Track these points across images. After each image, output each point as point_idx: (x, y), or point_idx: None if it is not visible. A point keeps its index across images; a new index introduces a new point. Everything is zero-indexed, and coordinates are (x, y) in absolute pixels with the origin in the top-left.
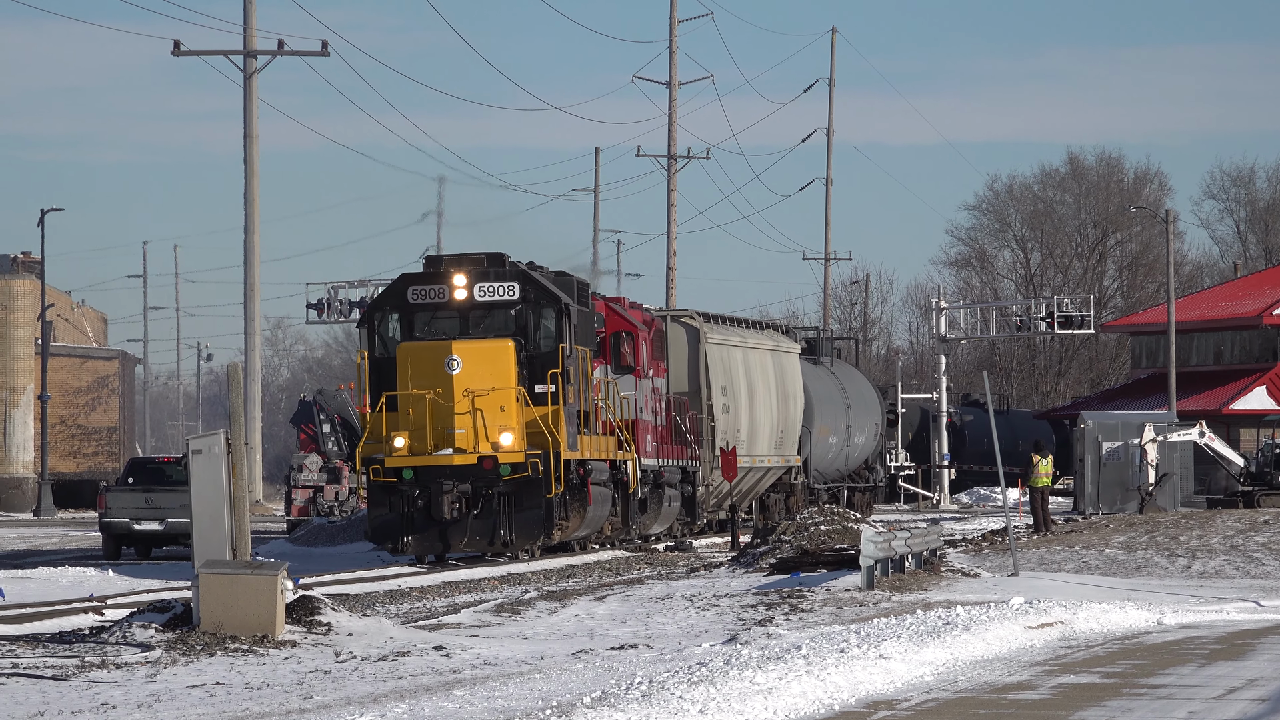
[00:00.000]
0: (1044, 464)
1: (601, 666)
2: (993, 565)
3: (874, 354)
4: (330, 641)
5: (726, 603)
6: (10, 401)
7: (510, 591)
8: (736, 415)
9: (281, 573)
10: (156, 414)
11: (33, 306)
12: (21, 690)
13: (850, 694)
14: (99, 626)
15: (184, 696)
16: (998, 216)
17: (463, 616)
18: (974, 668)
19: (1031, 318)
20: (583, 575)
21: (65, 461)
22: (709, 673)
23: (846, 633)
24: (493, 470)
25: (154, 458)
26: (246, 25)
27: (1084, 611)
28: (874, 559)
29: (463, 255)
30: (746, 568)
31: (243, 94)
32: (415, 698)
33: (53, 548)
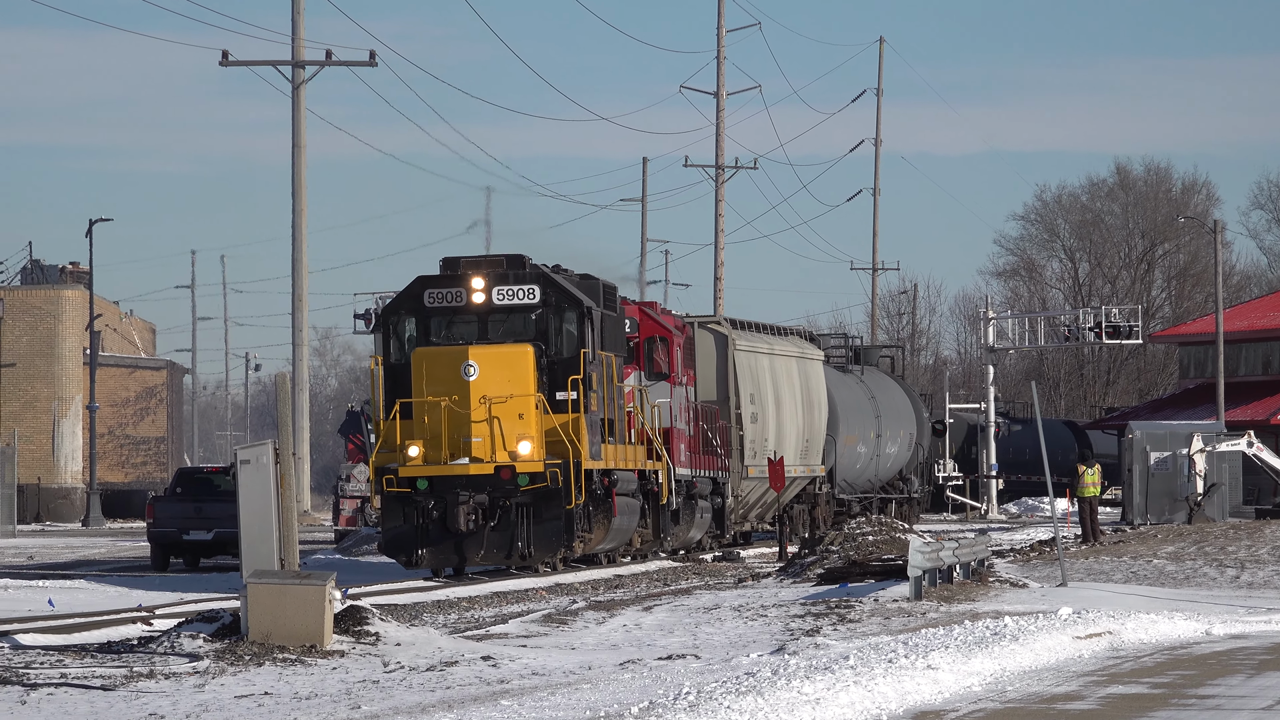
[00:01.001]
0: (1090, 474)
1: (649, 677)
2: (1041, 575)
3: (922, 364)
4: (378, 651)
5: (774, 613)
6: (59, 411)
7: (558, 602)
8: (764, 424)
9: (329, 583)
10: (205, 424)
11: (81, 317)
12: (70, 700)
13: (898, 704)
14: (147, 636)
15: (232, 706)
16: (1046, 227)
17: (510, 627)
18: (1022, 678)
19: (1079, 328)
20: (630, 586)
21: (113, 471)
22: (757, 683)
23: (894, 643)
24: (510, 480)
25: (202, 468)
26: (294, 36)
27: (1132, 622)
28: (922, 569)
29: (481, 257)
30: (794, 578)
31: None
32: (463, 708)
33: (101, 558)
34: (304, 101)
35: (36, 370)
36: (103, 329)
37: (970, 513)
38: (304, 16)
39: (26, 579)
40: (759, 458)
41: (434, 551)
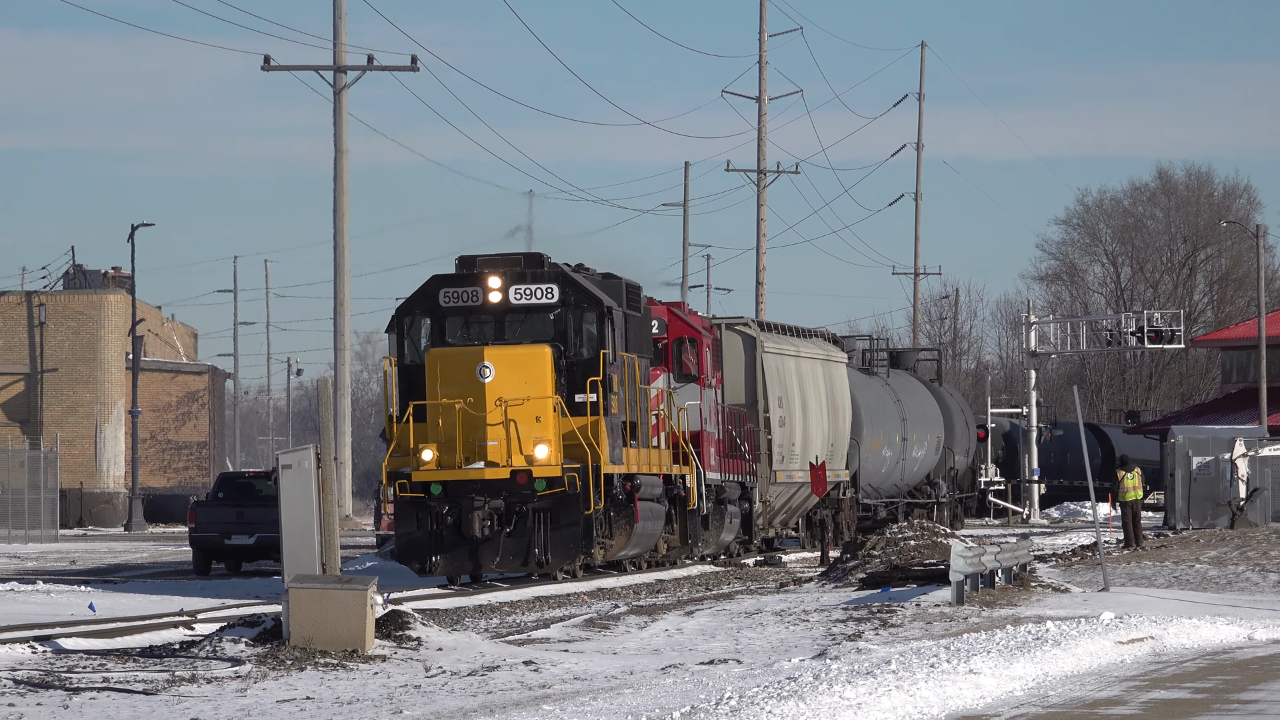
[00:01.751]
0: (1130, 478)
1: (691, 681)
2: (1083, 580)
3: (963, 369)
4: (420, 656)
5: (816, 617)
6: (101, 416)
7: (599, 606)
8: (791, 428)
9: (371, 587)
10: (246, 429)
11: (123, 321)
12: (112, 704)
13: (940, 709)
14: (189, 641)
15: (274, 711)
16: (1088, 231)
17: (552, 631)
18: (1064, 683)
19: (1121, 332)
20: (672, 590)
21: (155, 476)
22: (798, 688)
23: (936, 648)
24: (527, 485)
25: (244, 472)
26: (336, 41)
27: (1174, 627)
28: (964, 574)
29: (498, 255)
30: (836, 582)
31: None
32: (505, 712)
33: (143, 562)
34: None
35: (79, 375)
36: (145, 334)
37: (1012, 517)
38: (346, 21)
39: (69, 583)
40: (786, 462)
41: (448, 558)
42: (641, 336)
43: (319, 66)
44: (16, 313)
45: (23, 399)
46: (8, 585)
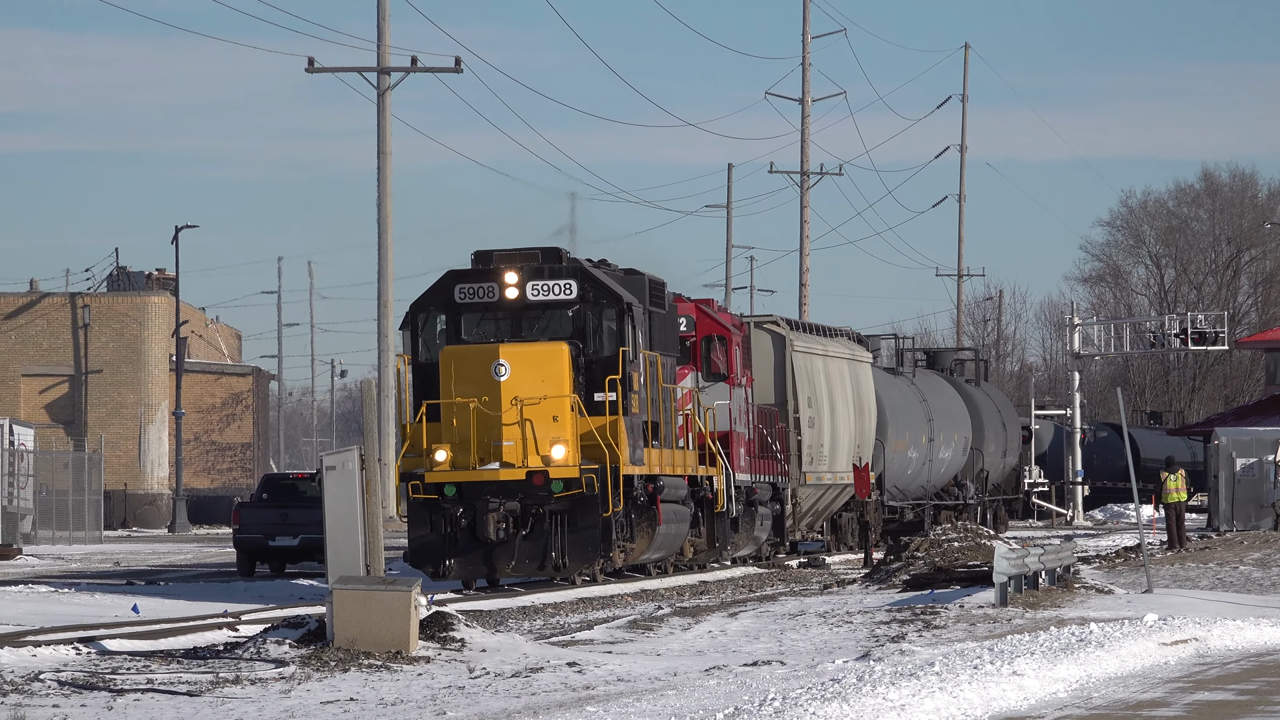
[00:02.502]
0: (1174, 480)
1: (735, 683)
2: (1126, 582)
3: (1007, 370)
4: (464, 657)
5: (859, 619)
6: (145, 418)
7: (643, 608)
8: (820, 429)
9: (415, 589)
10: (290, 430)
11: (167, 323)
12: (156, 706)
13: (983, 711)
14: (233, 642)
15: (318, 713)
16: (1132, 233)
17: (596, 633)
18: (1108, 684)
19: (1165, 334)
20: (715, 591)
21: (199, 478)
22: (842, 689)
23: (980, 649)
24: (543, 486)
25: (288, 474)
26: (380, 42)
27: (1218, 628)
28: (1007, 575)
29: (515, 250)
30: (879, 584)
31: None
32: (548, 714)
33: (187, 563)
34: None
35: (123, 377)
36: (189, 335)
37: (1056, 519)
38: (389, 23)
39: (113, 585)
40: (815, 464)
41: (462, 562)
42: (666, 334)
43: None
44: (61, 315)
45: (67, 400)
46: (52, 587)
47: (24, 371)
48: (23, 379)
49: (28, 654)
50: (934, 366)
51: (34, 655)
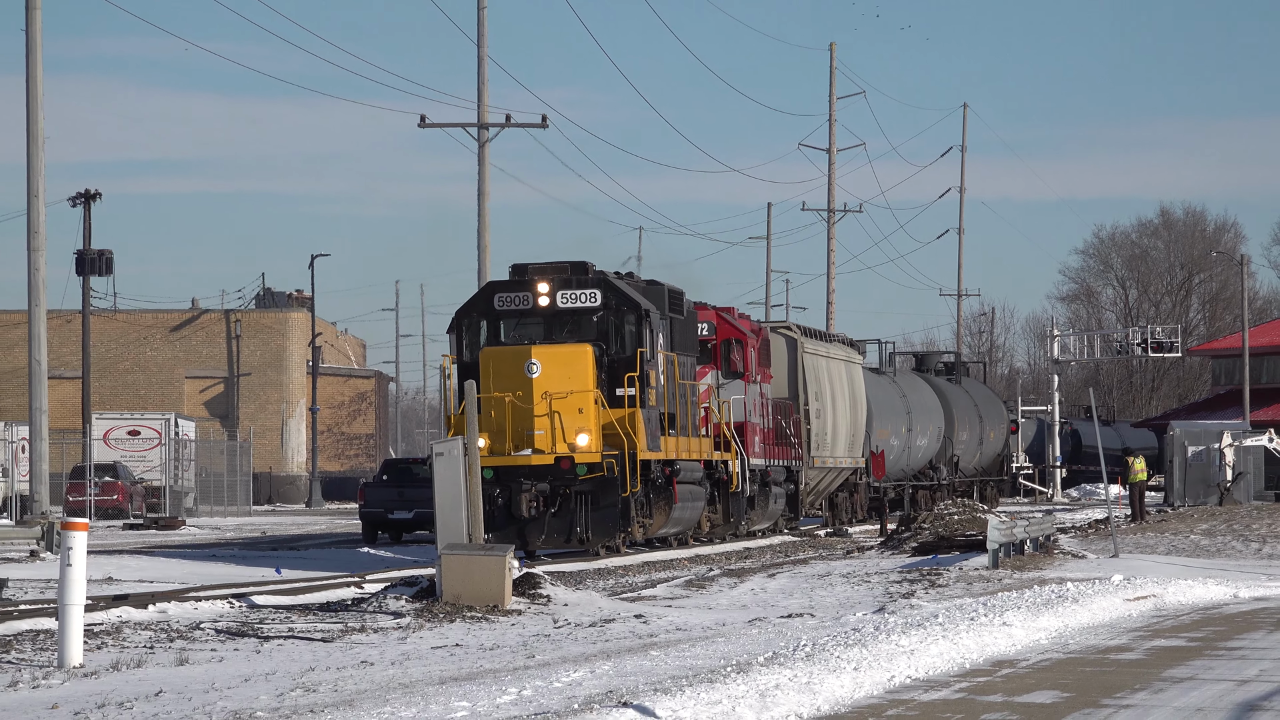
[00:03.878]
0: (1138, 463)
1: (773, 632)
2: (1097, 549)
3: (999, 374)
4: (549, 611)
5: (876, 579)
6: (287, 413)
7: (697, 570)
8: (825, 420)
9: (509, 554)
10: (406, 423)
11: (304, 335)
12: (296, 650)
13: (979, 655)
14: (359, 598)
15: (429, 655)
16: (1102, 260)
17: (658, 590)
18: (1081, 633)
19: (1129, 343)
20: (757, 557)
21: (331, 462)
22: (862, 637)
23: (976, 604)
24: (569, 470)
25: (404, 459)
26: (480, 103)
27: (1173, 587)
28: (998, 543)
29: (547, 264)
30: (893, 550)
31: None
32: (619, 657)
33: (321, 533)
34: (488, 157)
35: (268, 379)
36: (322, 345)
37: (1039, 497)
38: (488, 86)
39: (260, 550)
40: (822, 449)
41: (499, 536)
42: (686, 337)
43: (465, 124)
44: (217, 328)
45: (222, 398)
46: (211, 551)
47: (187, 374)
48: (186, 381)
49: (190, 607)
50: (922, 367)
51: (195, 608)
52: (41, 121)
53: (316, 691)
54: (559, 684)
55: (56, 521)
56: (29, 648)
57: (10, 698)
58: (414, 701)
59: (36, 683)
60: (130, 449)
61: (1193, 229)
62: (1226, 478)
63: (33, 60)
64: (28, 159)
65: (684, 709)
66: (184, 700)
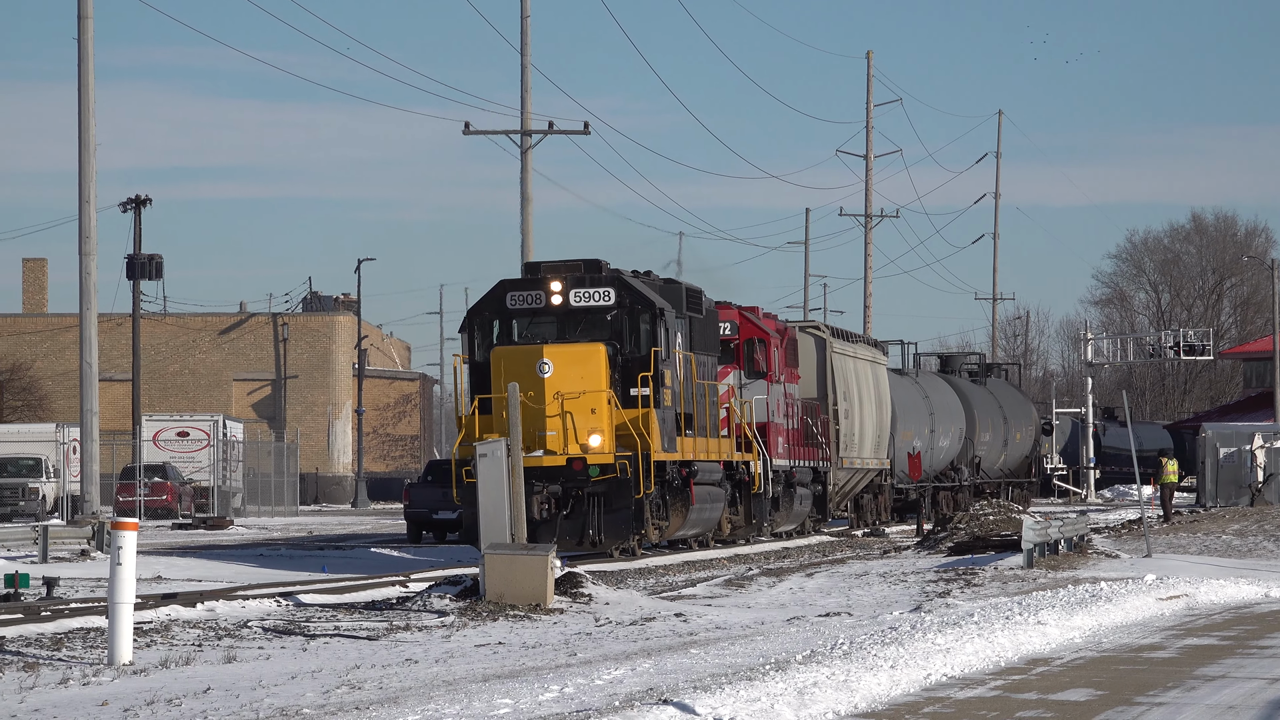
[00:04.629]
0: (1170, 465)
1: (811, 630)
2: (1130, 548)
3: (1033, 377)
4: (591, 609)
5: (913, 579)
6: (333, 414)
7: (736, 569)
8: (853, 420)
9: (551, 553)
10: (450, 425)
11: (350, 338)
12: (341, 647)
13: (1014, 653)
14: (403, 597)
15: (473, 653)
16: (1135, 264)
17: (698, 589)
18: (1115, 632)
19: (1162, 346)
20: (795, 556)
21: (377, 463)
22: (898, 635)
23: (1010, 603)
24: (582, 471)
25: (449, 460)
26: (523, 109)
27: (1204, 586)
28: (1033, 543)
29: (560, 262)
30: (929, 550)
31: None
32: (660, 655)
33: (366, 532)
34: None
35: (315, 381)
36: (368, 348)
37: (1073, 497)
38: (531, 94)
39: (306, 549)
40: (850, 450)
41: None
42: (706, 336)
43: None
44: (265, 331)
45: (270, 400)
46: (258, 551)
47: (235, 377)
48: (234, 383)
49: (238, 606)
50: (946, 368)
51: (243, 607)
52: (93, 129)
53: (362, 689)
54: (600, 681)
55: (106, 521)
56: (79, 645)
57: (61, 694)
58: (457, 699)
59: (87, 680)
60: (179, 450)
61: (1224, 234)
62: (1258, 479)
63: (84, 69)
64: (79, 165)
65: (723, 706)
66: (231, 697)
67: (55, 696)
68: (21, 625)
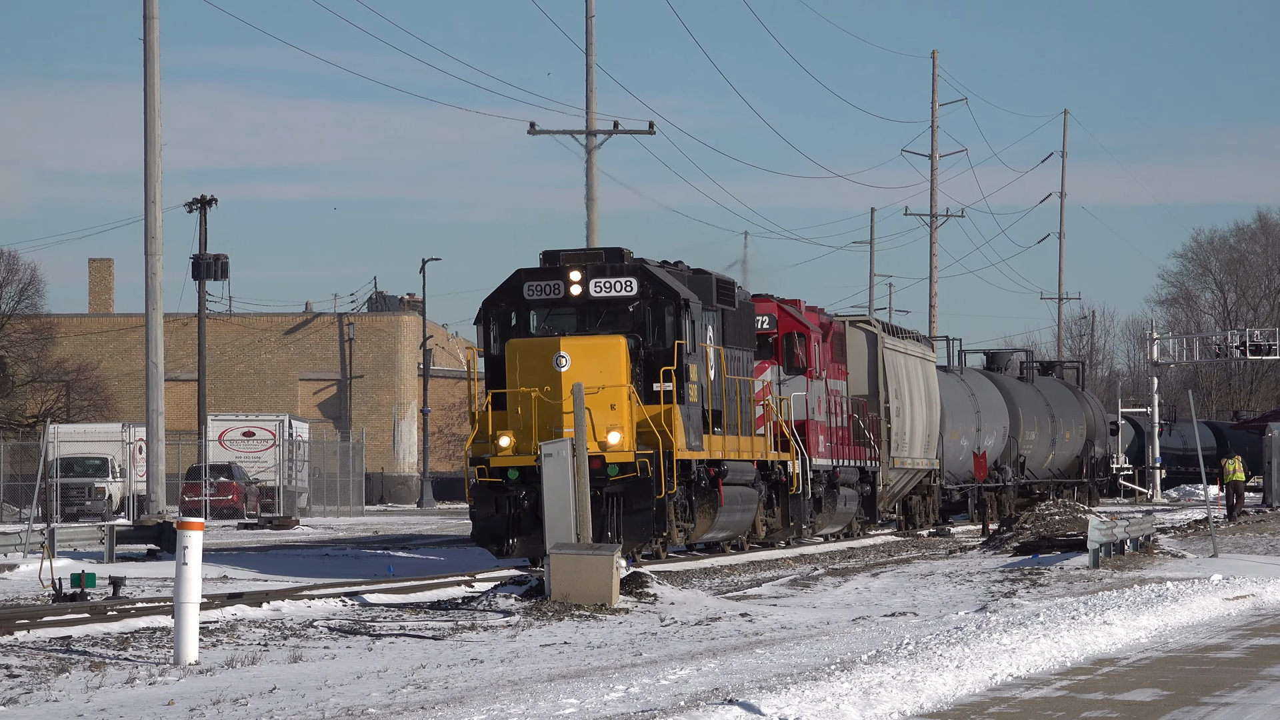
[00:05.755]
0: (1232, 464)
1: (876, 630)
2: (1196, 548)
3: (1099, 377)
4: (656, 609)
5: (978, 579)
6: (398, 414)
7: (801, 569)
8: (904, 418)
9: (617, 553)
10: None
11: (416, 337)
12: (408, 647)
13: (1079, 653)
14: (469, 596)
15: (538, 653)
16: (1200, 264)
17: (763, 589)
18: (1181, 632)
19: (1228, 346)
20: (860, 556)
21: (442, 462)
22: (964, 635)
23: (1076, 603)
24: (600, 470)
25: None
26: (588, 110)
27: (1271, 585)
28: (1099, 543)
29: (580, 251)
30: (994, 550)
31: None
32: (725, 655)
33: (432, 532)
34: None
35: (380, 381)
36: (433, 348)
37: (1138, 497)
38: (596, 94)
39: (372, 549)
40: (900, 449)
41: (525, 541)
42: (739, 330)
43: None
44: (330, 331)
45: (335, 400)
46: (323, 551)
47: (300, 377)
48: (299, 383)
49: (304, 605)
50: (992, 366)
51: (309, 606)
52: (158, 129)
53: (427, 688)
54: (665, 681)
55: (173, 521)
56: (145, 645)
57: (128, 694)
58: (523, 699)
59: (153, 679)
60: (245, 450)
61: None
62: None
63: (150, 69)
64: (145, 166)
65: (789, 706)
66: (297, 697)
67: (121, 696)
68: (88, 625)
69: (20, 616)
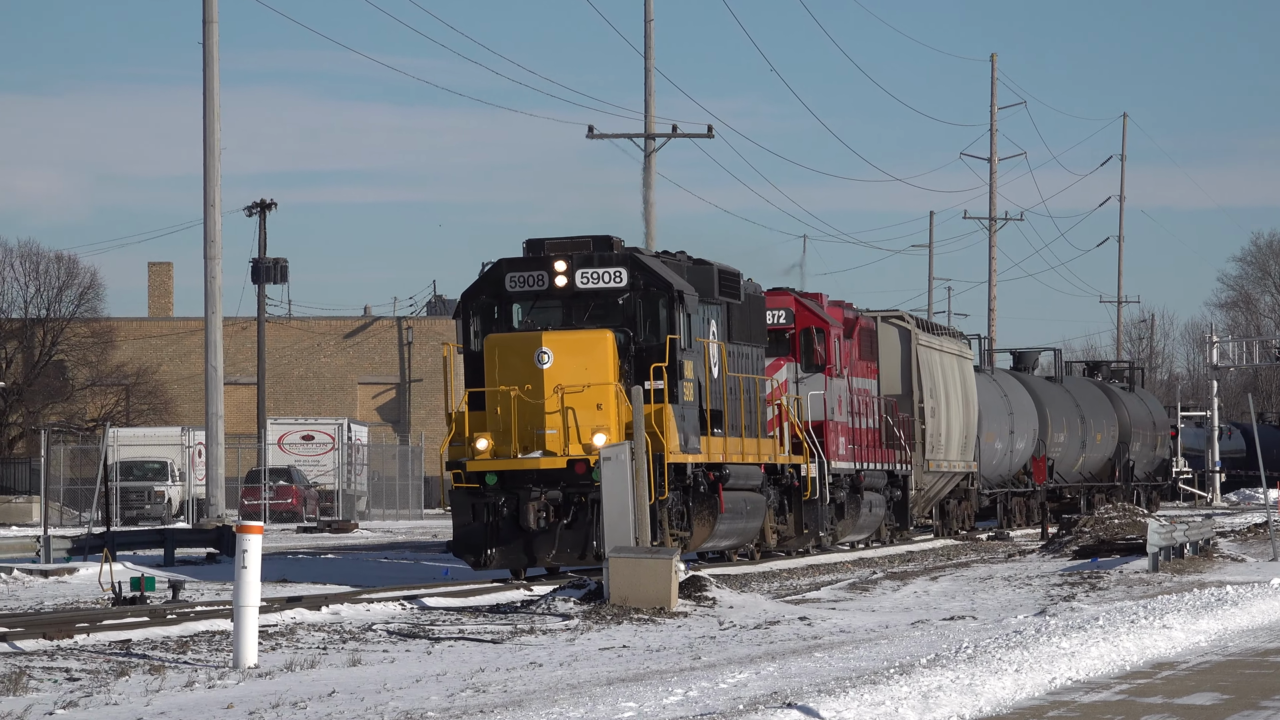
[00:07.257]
0: None
1: (935, 634)
2: (1256, 552)
3: (1158, 380)
4: (715, 613)
5: (1037, 582)
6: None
7: (860, 573)
8: (939, 419)
9: (675, 557)
10: None
11: None
12: (466, 650)
13: (1139, 657)
14: (528, 600)
15: (597, 657)
16: (1260, 267)
17: (822, 593)
18: (1241, 636)
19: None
20: (919, 560)
21: None
22: (1023, 639)
23: (1136, 607)
24: (585, 474)
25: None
26: (646, 114)
27: None
28: (1159, 547)
29: (566, 238)
30: (1054, 553)
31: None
32: (784, 659)
33: None
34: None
35: (439, 385)
36: None
37: (1198, 501)
38: (654, 98)
39: (431, 553)
40: (936, 452)
41: (505, 551)
42: (747, 324)
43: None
44: (389, 334)
45: (394, 403)
46: (384, 554)
47: (359, 380)
48: (358, 386)
49: (363, 609)
50: (1019, 365)
51: (368, 610)
52: (218, 133)
53: (486, 692)
54: (724, 685)
55: (232, 524)
56: (205, 648)
57: (187, 697)
58: (582, 702)
59: (212, 683)
60: (304, 454)
61: None
62: None
63: (209, 74)
64: (204, 170)
65: (847, 710)
66: (356, 700)
67: (181, 699)
68: (147, 628)
69: (80, 620)
